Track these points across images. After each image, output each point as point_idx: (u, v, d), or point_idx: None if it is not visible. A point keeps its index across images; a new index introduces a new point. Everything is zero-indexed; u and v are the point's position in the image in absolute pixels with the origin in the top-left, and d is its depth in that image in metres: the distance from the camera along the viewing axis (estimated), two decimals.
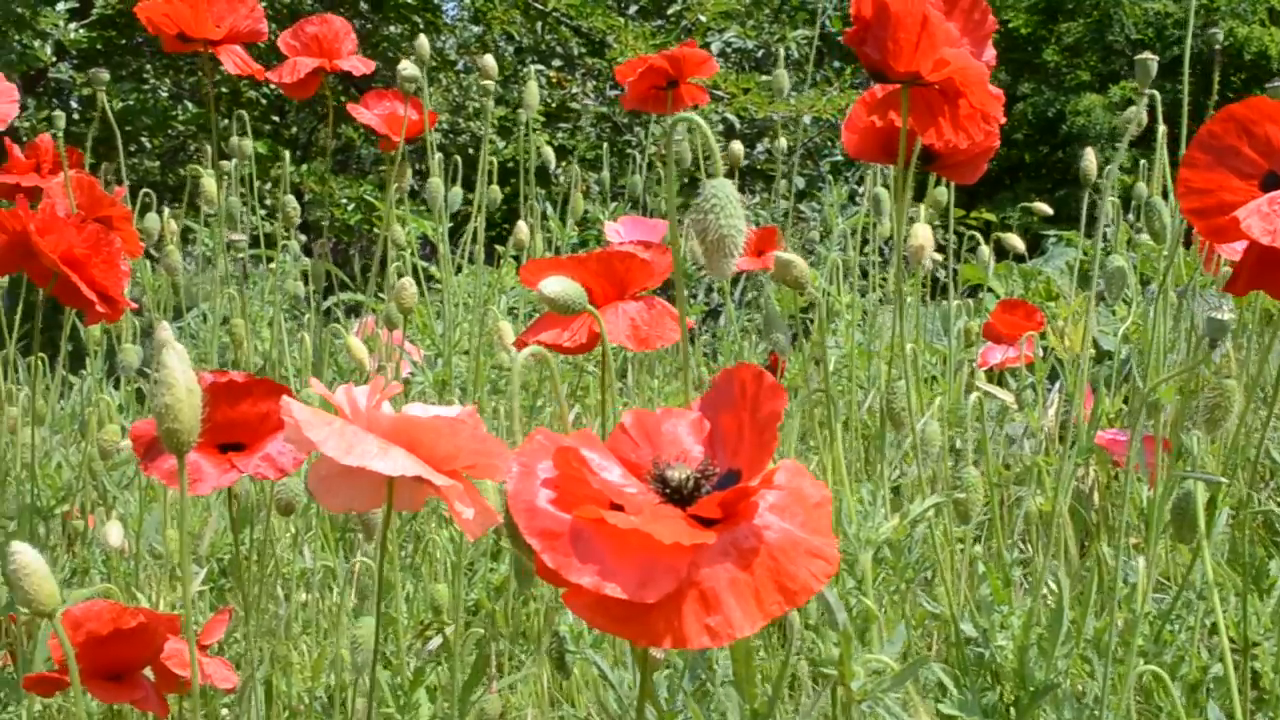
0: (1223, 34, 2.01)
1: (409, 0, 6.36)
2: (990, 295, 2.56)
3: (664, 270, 1.23)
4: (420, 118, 1.98)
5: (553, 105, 6.31)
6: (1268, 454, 1.58)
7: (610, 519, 0.65)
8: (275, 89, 5.19)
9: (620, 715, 1.07)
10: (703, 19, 6.28)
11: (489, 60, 2.12)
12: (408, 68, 1.80)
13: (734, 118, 5.62)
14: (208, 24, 1.90)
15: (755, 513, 0.68)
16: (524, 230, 2.09)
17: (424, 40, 1.99)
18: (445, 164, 2.09)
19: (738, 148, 2.35)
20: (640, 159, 2.61)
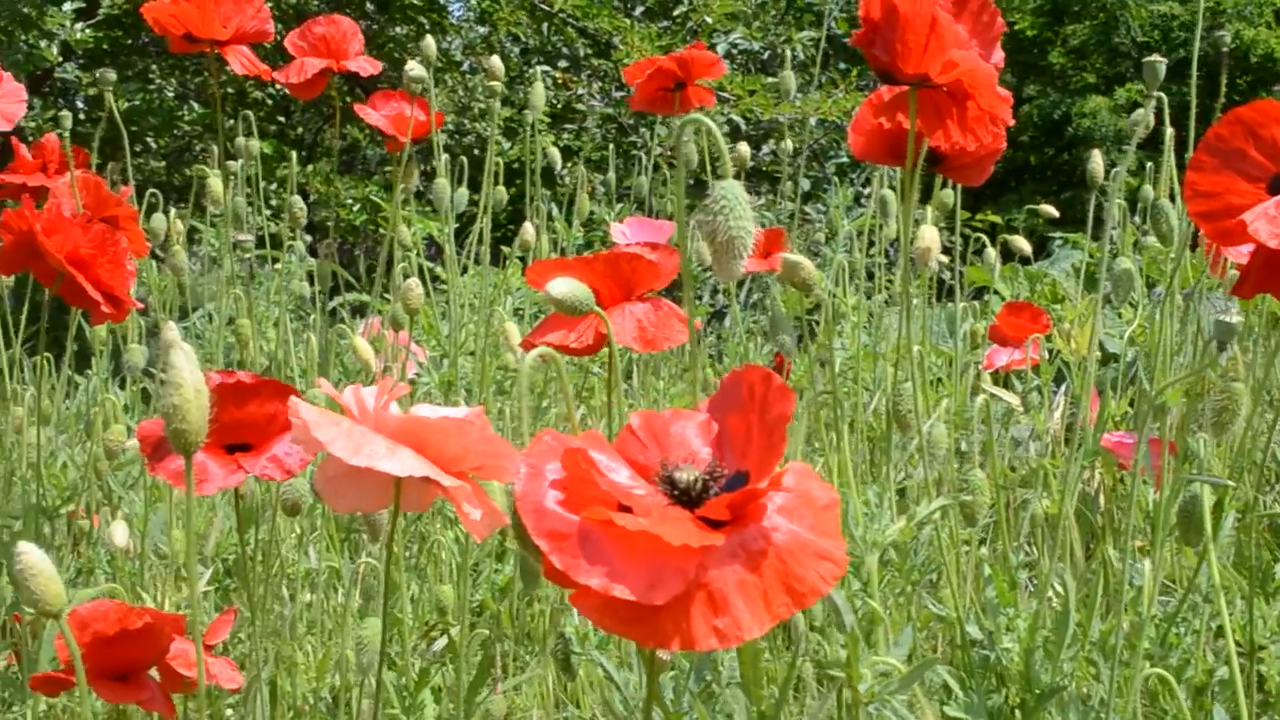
0: (1229, 36, 2.01)
1: (415, 1, 6.36)
2: (996, 298, 2.56)
3: (671, 272, 1.23)
4: (427, 118, 1.98)
5: (558, 106, 6.31)
6: (1274, 457, 1.57)
7: (619, 520, 0.65)
8: (280, 89, 5.20)
9: (626, 717, 1.07)
10: (709, 20, 6.28)
11: (495, 61, 2.12)
12: (414, 68, 1.80)
13: (739, 119, 5.61)
14: (214, 24, 1.90)
15: (764, 515, 0.68)
16: (529, 231, 2.09)
17: (430, 41, 1.99)
18: (451, 165, 2.08)
19: (744, 149, 2.36)
20: (646, 160, 2.61)
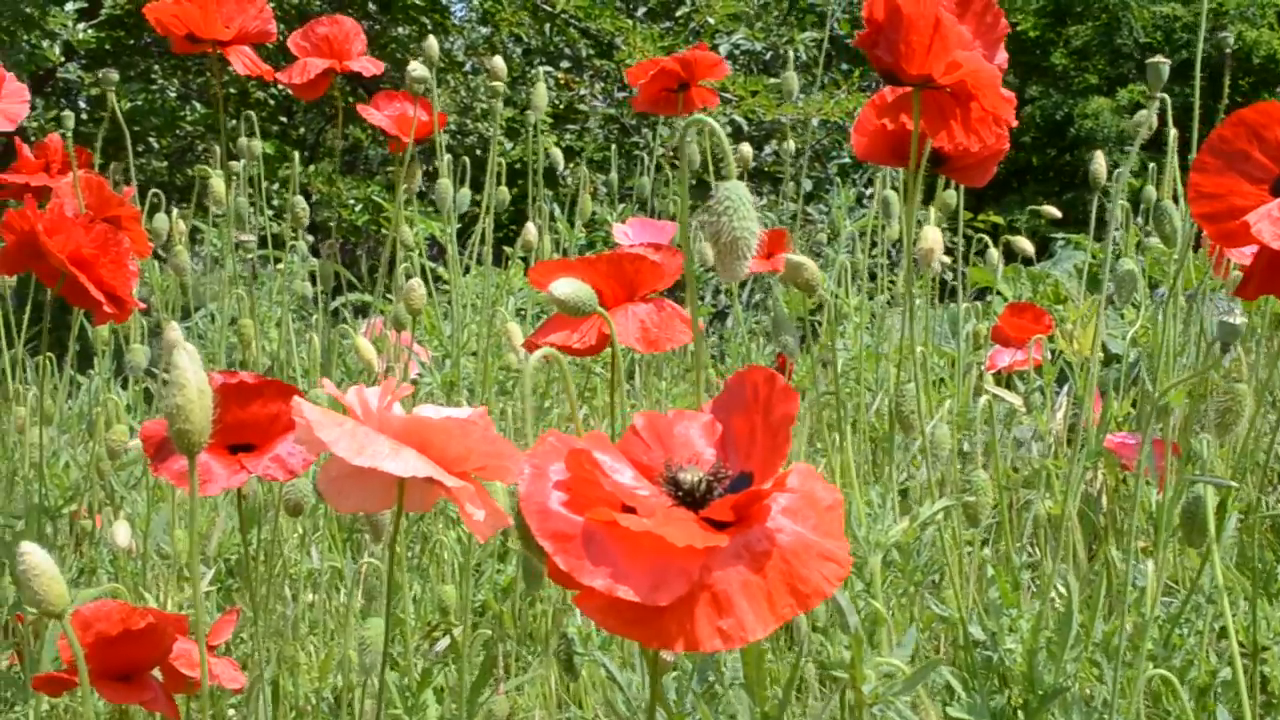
0: (1232, 38, 2.00)
1: (417, 1, 6.36)
2: (999, 298, 2.56)
3: (674, 272, 1.23)
4: (430, 119, 1.98)
5: (561, 107, 6.31)
6: (1277, 458, 1.57)
7: (623, 521, 0.65)
8: (283, 90, 5.19)
9: (629, 717, 1.07)
10: (711, 21, 6.27)
11: (498, 62, 2.12)
12: (417, 69, 1.80)
13: (742, 120, 5.61)
14: (217, 25, 1.90)
15: (768, 516, 0.67)
16: (532, 232, 2.09)
17: (432, 41, 1.99)
18: (454, 165, 2.08)
19: (746, 150, 2.36)
20: (648, 161, 2.61)
